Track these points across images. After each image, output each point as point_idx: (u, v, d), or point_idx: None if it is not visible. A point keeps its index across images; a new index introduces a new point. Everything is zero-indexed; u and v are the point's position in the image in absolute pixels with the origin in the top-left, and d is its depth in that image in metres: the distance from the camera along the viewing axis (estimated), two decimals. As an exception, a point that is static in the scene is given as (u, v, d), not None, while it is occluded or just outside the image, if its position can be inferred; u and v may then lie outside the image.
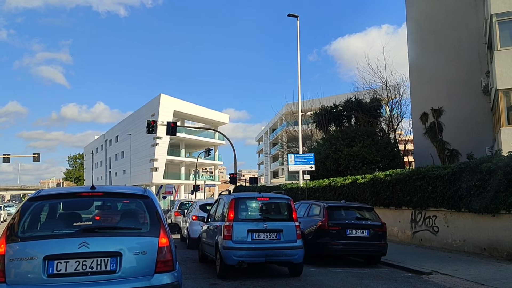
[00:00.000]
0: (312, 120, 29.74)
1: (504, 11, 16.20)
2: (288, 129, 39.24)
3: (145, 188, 5.02)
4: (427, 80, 23.43)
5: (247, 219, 8.45)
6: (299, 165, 19.68)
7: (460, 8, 22.24)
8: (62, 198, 4.76)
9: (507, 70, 15.72)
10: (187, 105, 61.77)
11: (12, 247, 3.89)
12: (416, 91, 24.66)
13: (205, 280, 8.22)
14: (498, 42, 16.19)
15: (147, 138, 56.51)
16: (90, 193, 4.47)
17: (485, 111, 20.19)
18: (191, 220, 13.78)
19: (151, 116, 53.53)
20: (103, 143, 79.04)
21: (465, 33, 21.69)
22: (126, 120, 70.50)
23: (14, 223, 4.10)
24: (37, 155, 40.29)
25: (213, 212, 10.01)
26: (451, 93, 21.51)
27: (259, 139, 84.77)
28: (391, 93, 26.03)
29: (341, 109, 26.82)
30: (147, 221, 4.37)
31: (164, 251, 4.19)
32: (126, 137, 65.87)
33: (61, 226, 4.37)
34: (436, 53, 22.90)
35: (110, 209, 5.01)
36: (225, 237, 8.13)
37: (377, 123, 26.01)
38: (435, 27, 23.27)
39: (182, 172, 64.17)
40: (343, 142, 22.11)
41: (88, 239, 4.01)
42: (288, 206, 8.83)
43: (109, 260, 3.99)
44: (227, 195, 9.14)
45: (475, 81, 20.59)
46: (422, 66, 24.28)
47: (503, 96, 15.86)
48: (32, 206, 4.28)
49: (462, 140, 19.53)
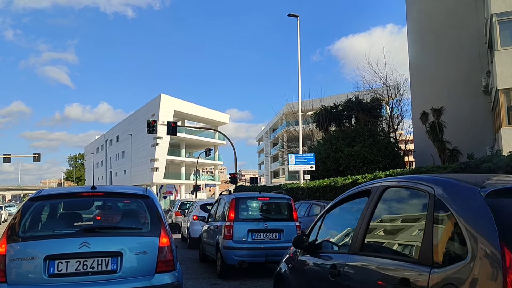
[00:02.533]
0: (312, 120, 29.74)
1: (504, 10, 16.20)
2: (288, 129, 39.25)
3: (146, 188, 5.02)
4: (428, 80, 23.43)
5: (248, 219, 8.46)
6: (299, 165, 19.70)
7: (460, 8, 22.23)
8: (63, 198, 4.77)
9: (508, 70, 15.71)
10: (187, 105, 61.79)
11: (13, 247, 3.90)
12: (417, 90, 24.67)
13: (206, 280, 8.23)
14: (499, 42, 16.19)
15: (148, 138, 56.52)
16: (91, 193, 4.47)
17: (486, 111, 20.18)
18: (192, 220, 13.79)
19: (151, 116, 53.53)
20: (104, 143, 79.10)
21: (465, 33, 21.68)
22: (126, 120, 70.53)
23: (15, 223, 4.11)
24: (38, 155, 40.31)
25: (213, 212, 10.02)
26: (451, 93, 21.50)
27: (259, 139, 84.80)
28: (392, 92, 26.05)
29: (342, 109, 26.83)
30: (148, 221, 4.38)
31: (164, 251, 4.19)
32: (126, 137, 65.89)
33: (62, 226, 4.38)
34: (436, 53, 22.90)
35: (110, 209, 5.03)
36: (225, 237, 8.14)
37: (378, 123, 26.02)
38: (435, 27, 23.27)
39: (182, 172, 64.20)
40: (344, 142, 22.11)
41: (89, 239, 4.02)
42: (288, 206, 8.84)
43: (110, 260, 4.00)
44: (228, 195, 9.15)
45: (476, 81, 20.58)
46: (422, 66, 24.29)
47: (503, 95, 15.85)
48: (33, 206, 4.29)
49: (462, 140, 19.52)
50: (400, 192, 3.09)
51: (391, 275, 2.61)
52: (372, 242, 3.10)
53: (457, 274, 2.13)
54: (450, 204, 2.38)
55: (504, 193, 2.30)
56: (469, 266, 2.07)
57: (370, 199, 3.21)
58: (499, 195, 2.26)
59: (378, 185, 3.24)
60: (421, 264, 2.39)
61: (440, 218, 2.41)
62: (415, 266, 2.42)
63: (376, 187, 3.24)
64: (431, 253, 2.35)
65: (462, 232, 2.20)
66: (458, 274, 2.12)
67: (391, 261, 2.71)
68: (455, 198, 2.40)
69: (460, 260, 2.15)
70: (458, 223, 2.25)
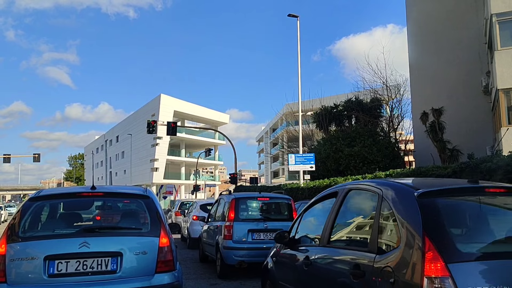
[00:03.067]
0: (312, 120, 29.72)
1: (504, 11, 16.20)
2: (288, 129, 39.23)
3: (146, 188, 5.02)
4: (428, 80, 23.42)
5: (248, 219, 8.46)
6: (299, 165, 19.68)
7: (460, 8, 22.23)
8: (63, 198, 4.77)
9: (508, 70, 15.71)
10: (187, 105, 61.79)
11: (13, 247, 3.90)
12: (417, 91, 24.65)
13: (206, 280, 8.23)
14: (498, 42, 16.19)
15: (148, 138, 56.51)
16: (91, 193, 4.47)
17: (486, 111, 20.18)
18: (192, 220, 13.79)
19: (151, 116, 53.52)
20: (104, 143, 79.08)
21: (465, 33, 21.68)
22: (126, 120, 70.53)
23: (14, 223, 4.11)
24: (37, 155, 40.31)
25: (213, 212, 10.02)
26: (451, 93, 21.49)
27: (259, 139, 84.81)
28: (392, 93, 26.04)
29: (342, 109, 26.81)
30: (148, 221, 4.38)
31: (164, 251, 4.19)
32: (126, 137, 65.88)
33: (61, 226, 4.38)
34: (437, 53, 22.90)
35: (110, 209, 5.03)
36: (225, 237, 8.14)
37: (378, 123, 26.01)
38: (435, 27, 23.27)
39: (182, 172, 64.20)
40: (344, 142, 22.10)
41: (88, 239, 4.02)
42: (288, 206, 8.84)
43: (109, 260, 4.00)
44: (228, 195, 9.15)
45: (476, 81, 20.58)
46: (422, 66, 24.27)
47: (503, 96, 15.85)
48: (33, 206, 4.29)
49: (462, 140, 19.51)
50: (359, 194, 3.60)
51: (348, 261, 3.13)
52: (337, 236, 3.63)
53: (393, 259, 2.63)
54: (391, 203, 2.90)
55: (432, 194, 2.78)
56: (401, 252, 2.59)
57: (337, 199, 3.75)
58: (428, 196, 2.74)
59: (343, 188, 3.80)
60: (370, 252, 2.89)
61: (385, 214, 2.94)
62: (365, 254, 2.94)
63: (342, 189, 3.79)
64: (377, 243, 2.88)
65: (398, 225, 2.71)
66: (393, 258, 2.63)
67: (350, 251, 3.26)
68: (395, 198, 2.91)
69: (396, 248, 2.66)
70: (396, 218, 2.77)
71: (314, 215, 4.41)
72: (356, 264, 2.96)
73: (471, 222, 2.78)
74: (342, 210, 3.64)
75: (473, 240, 2.60)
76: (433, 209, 2.67)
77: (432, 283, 2.31)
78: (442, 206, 2.74)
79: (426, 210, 2.63)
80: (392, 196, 2.94)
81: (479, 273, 2.34)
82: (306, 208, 4.51)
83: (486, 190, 2.86)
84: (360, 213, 3.56)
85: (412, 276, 2.43)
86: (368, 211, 3.33)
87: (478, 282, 2.29)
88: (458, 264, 2.34)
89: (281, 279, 4.46)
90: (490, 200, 2.85)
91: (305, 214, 4.51)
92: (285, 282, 4.31)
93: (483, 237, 2.65)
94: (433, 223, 2.56)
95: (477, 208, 2.77)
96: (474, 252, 2.45)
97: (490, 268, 2.38)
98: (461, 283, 2.27)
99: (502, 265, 2.41)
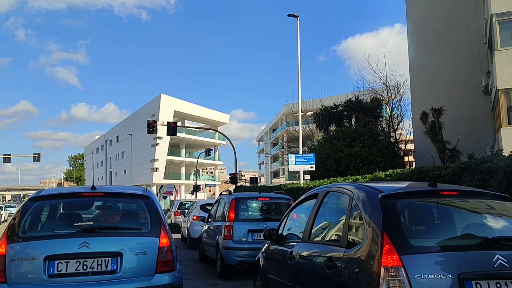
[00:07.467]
0: (312, 120, 29.72)
1: (504, 11, 16.19)
2: (288, 129, 39.22)
3: (146, 188, 5.02)
4: (427, 80, 23.41)
5: (248, 219, 8.46)
6: (299, 165, 19.67)
7: (460, 8, 22.22)
8: (63, 198, 4.77)
9: (508, 70, 15.71)
10: (187, 105, 61.78)
11: (13, 247, 3.90)
12: (417, 91, 24.64)
13: (206, 280, 8.23)
14: (499, 42, 16.19)
15: (148, 138, 56.51)
16: (91, 193, 4.47)
17: (486, 111, 20.18)
18: (192, 220, 13.79)
19: (151, 116, 53.51)
20: (104, 143, 79.08)
21: (465, 33, 21.67)
22: (126, 120, 70.52)
23: (14, 223, 4.11)
24: (37, 155, 40.29)
25: (213, 212, 10.01)
26: (451, 93, 21.48)
27: (259, 139, 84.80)
28: (392, 93, 26.03)
29: (342, 109, 26.81)
30: (148, 221, 4.38)
31: (164, 251, 4.19)
32: (126, 137, 65.88)
33: (61, 226, 4.38)
34: (437, 53, 22.88)
35: (110, 209, 5.02)
36: (225, 237, 8.14)
37: (378, 123, 26.00)
38: (435, 27, 23.26)
39: (182, 172, 64.19)
40: (344, 142, 22.09)
41: (88, 239, 4.02)
42: (288, 206, 8.82)
43: (109, 260, 4.00)
44: (228, 195, 9.15)
45: (476, 81, 20.57)
46: (422, 66, 24.26)
47: (503, 96, 15.85)
48: (33, 206, 4.28)
49: (462, 140, 19.45)
50: (335, 195, 4.07)
51: (323, 255, 3.59)
52: (316, 232, 4.08)
53: (358, 252, 3.07)
54: (359, 203, 3.34)
55: (393, 196, 3.21)
56: (365, 246, 3.01)
57: (317, 200, 4.22)
58: (389, 197, 3.17)
59: (323, 190, 4.28)
60: (341, 246, 3.34)
61: (354, 214, 3.40)
62: (338, 248, 3.38)
63: (322, 191, 4.26)
64: (346, 238, 3.33)
65: (364, 223, 3.14)
66: (359, 251, 3.06)
67: (325, 246, 3.73)
68: (363, 199, 3.34)
69: (361, 242, 3.09)
70: (362, 217, 3.21)
71: (298, 214, 4.88)
72: (329, 257, 3.41)
73: (426, 220, 3.20)
74: (321, 210, 4.11)
75: (426, 236, 3.01)
76: (393, 209, 3.08)
77: (388, 272, 2.72)
78: (401, 206, 3.17)
79: (387, 210, 3.04)
80: (361, 197, 3.37)
81: (428, 263, 2.72)
82: (292, 208, 5.03)
83: (441, 193, 3.28)
84: (335, 213, 4.07)
85: (373, 266, 2.84)
86: (341, 211, 3.77)
87: (426, 270, 2.67)
88: (409, 256, 2.74)
89: (270, 273, 4.90)
90: (445, 201, 3.26)
91: (291, 213, 5.02)
92: (273, 275, 4.76)
93: (436, 233, 3.04)
94: (392, 221, 2.97)
95: (433, 208, 3.18)
96: (425, 246, 2.85)
97: (439, 259, 2.76)
98: (412, 271, 2.67)
99: (450, 257, 2.78)
